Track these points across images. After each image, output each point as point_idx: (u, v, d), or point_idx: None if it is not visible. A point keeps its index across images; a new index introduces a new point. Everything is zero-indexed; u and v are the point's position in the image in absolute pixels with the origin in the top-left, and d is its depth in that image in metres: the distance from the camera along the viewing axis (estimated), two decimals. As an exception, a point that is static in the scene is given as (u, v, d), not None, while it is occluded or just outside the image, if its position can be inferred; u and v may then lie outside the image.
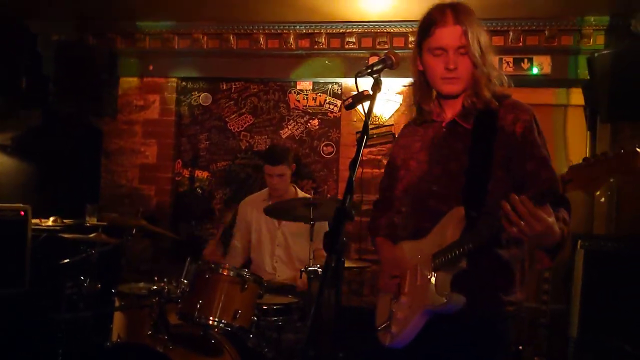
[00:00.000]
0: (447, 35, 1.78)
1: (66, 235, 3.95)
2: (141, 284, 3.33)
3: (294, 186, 4.01)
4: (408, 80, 4.32)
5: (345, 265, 3.09)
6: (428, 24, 1.82)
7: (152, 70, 4.99)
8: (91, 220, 4.65)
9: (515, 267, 1.84)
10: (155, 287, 2.95)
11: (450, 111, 1.90)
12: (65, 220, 4.64)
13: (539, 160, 1.76)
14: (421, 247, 1.84)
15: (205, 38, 4.85)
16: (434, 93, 1.93)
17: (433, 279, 1.75)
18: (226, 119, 4.97)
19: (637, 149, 1.35)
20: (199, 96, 5.02)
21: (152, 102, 5.00)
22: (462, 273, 1.72)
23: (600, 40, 4.29)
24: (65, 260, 3.52)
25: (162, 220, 4.77)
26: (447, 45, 1.78)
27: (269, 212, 3.51)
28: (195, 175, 5.00)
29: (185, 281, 2.93)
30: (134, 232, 3.62)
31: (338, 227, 1.53)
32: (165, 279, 3.09)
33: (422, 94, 1.95)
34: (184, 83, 5.05)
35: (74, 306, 3.50)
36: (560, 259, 1.68)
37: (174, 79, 4.99)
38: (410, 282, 1.85)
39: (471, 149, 1.80)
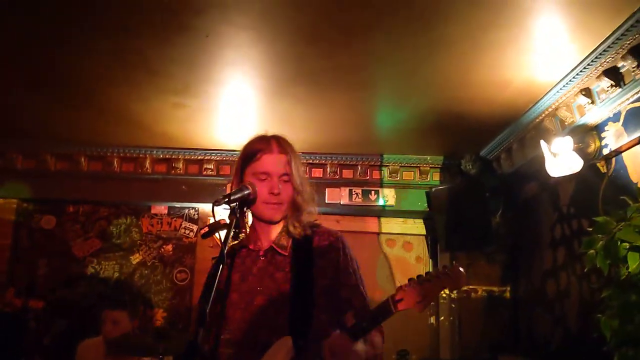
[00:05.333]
0: (273, 161, 1.85)
1: None
2: None
3: None
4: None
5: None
6: (254, 151, 1.87)
7: (-12, 190, 4.61)
8: None
9: None
10: None
11: (266, 239, 1.92)
12: None
13: (352, 288, 1.85)
14: None
15: (54, 159, 4.64)
16: (250, 220, 1.93)
17: None
18: (70, 242, 4.65)
19: (461, 269, 1.52)
20: (41, 219, 4.68)
21: (-15, 224, 4.57)
22: None
23: (436, 176, 4.79)
24: None
25: (-16, 358, 4.18)
26: (272, 171, 1.85)
27: (115, 349, 3.22)
28: (29, 305, 4.51)
29: None
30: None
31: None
32: None
33: (239, 221, 1.86)
34: (25, 204, 4.70)
35: None
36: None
37: (14, 200, 4.64)
38: None
39: (292, 277, 1.84)
